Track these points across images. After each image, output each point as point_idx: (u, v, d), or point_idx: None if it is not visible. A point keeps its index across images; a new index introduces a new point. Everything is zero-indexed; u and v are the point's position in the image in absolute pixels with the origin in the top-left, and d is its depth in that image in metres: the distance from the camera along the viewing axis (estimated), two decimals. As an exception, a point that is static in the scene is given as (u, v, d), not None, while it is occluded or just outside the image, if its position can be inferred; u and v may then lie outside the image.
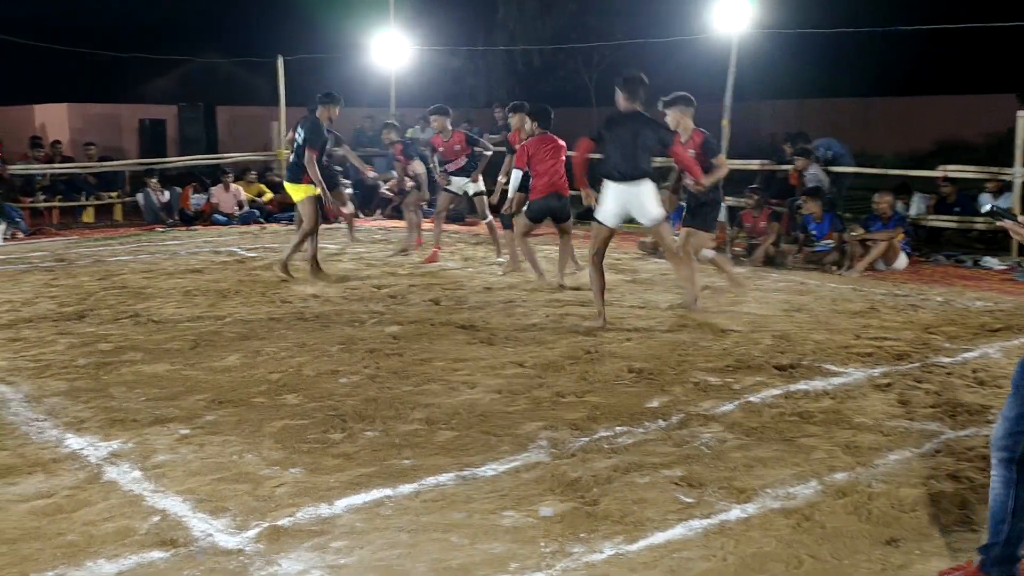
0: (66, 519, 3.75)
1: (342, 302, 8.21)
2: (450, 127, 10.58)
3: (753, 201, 11.07)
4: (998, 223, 3.23)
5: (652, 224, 7.32)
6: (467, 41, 23.90)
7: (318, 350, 6.51)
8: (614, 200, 7.18)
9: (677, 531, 3.67)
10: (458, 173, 10.56)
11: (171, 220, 14.96)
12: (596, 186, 7.43)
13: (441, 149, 10.58)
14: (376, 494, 4.02)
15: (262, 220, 15.08)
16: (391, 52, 16.39)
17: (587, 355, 6.35)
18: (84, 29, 24.47)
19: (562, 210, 8.97)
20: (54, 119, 22.47)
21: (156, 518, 3.77)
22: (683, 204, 8.58)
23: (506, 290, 8.78)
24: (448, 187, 10.73)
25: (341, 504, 3.91)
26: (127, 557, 3.43)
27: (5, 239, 12.94)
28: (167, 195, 15.33)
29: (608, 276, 9.61)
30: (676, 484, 4.12)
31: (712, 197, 7.88)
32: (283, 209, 15.31)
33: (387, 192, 15.36)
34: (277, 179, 16.07)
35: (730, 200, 11.82)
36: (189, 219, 15.03)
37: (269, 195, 15.65)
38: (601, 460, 4.41)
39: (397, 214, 14.53)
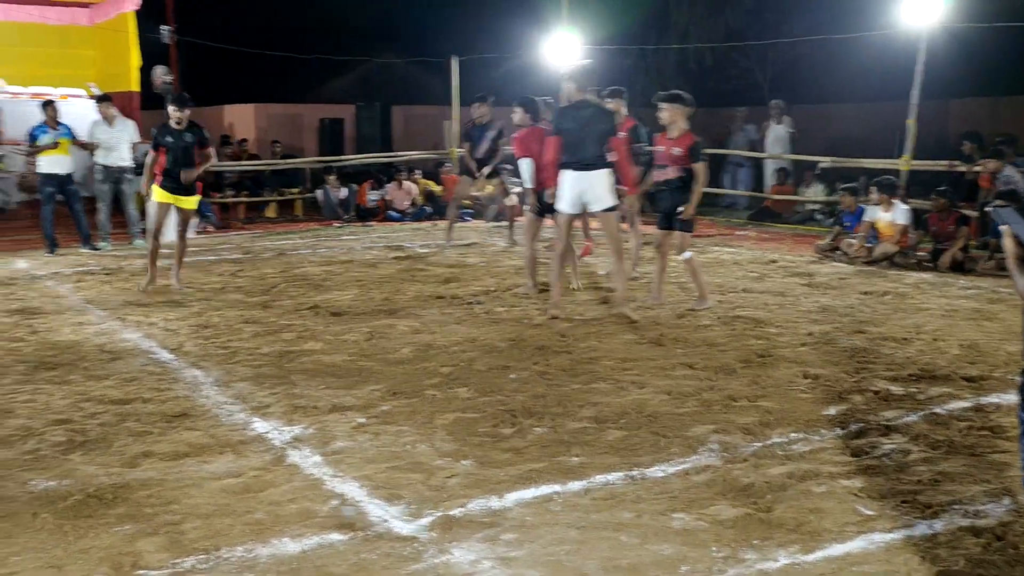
0: (253, 498, 3.94)
1: (511, 299, 8.31)
2: (625, 111, 9.96)
3: (940, 204, 10.54)
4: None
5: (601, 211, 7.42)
6: (638, 40, 23.73)
7: (488, 345, 6.60)
8: (571, 188, 7.33)
9: (856, 544, 3.53)
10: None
11: (347, 216, 15.52)
12: None
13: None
14: (545, 489, 4.04)
15: (434, 216, 15.43)
16: (562, 51, 16.45)
17: (760, 359, 6.20)
18: (271, 32, 25.67)
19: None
20: (242, 119, 23.67)
21: (335, 502, 3.91)
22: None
23: (676, 290, 8.67)
24: None
25: (511, 498, 3.95)
26: (309, 537, 3.57)
27: (197, 232, 13.72)
28: (344, 192, 15.91)
29: (783, 279, 9.41)
30: (855, 495, 3.96)
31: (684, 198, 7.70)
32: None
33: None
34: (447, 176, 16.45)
35: (915, 202, 11.31)
36: (364, 215, 15.55)
37: (440, 190, 16.03)
38: (775, 466, 4.29)
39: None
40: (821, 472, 4.22)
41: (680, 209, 7.68)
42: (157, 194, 9.01)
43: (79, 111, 13.69)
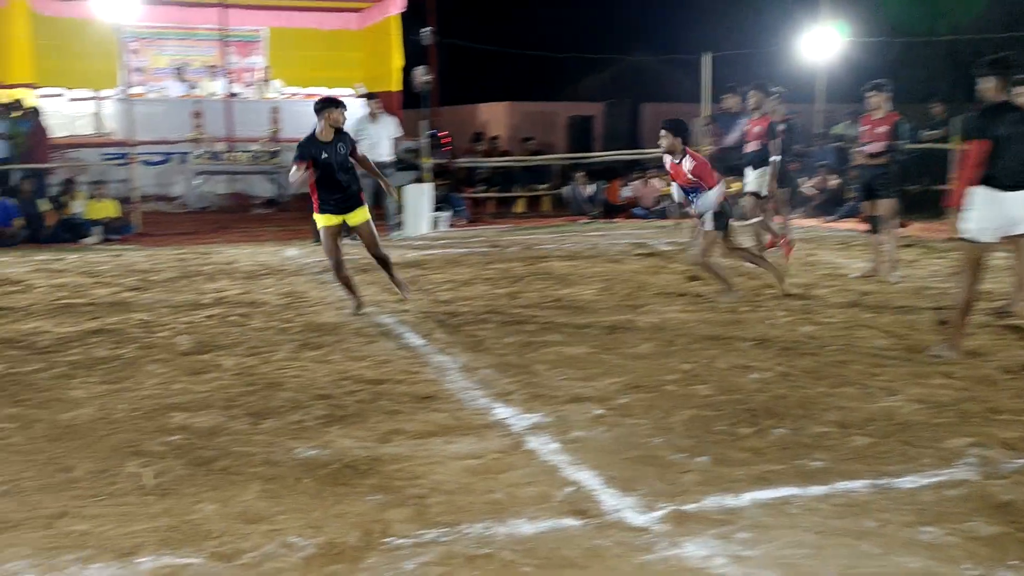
0: (493, 479, 4.09)
1: (755, 300, 8.13)
2: (765, 108, 9.93)
3: None
4: None
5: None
6: (905, 31, 22.48)
7: (730, 345, 6.50)
8: (994, 210, 5.97)
9: None
10: (747, 161, 9.93)
11: (594, 212, 15.70)
12: None
13: (747, 128, 10.07)
14: (783, 492, 3.94)
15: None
16: (820, 46, 15.87)
17: (1028, 371, 5.75)
18: (525, 32, 26.34)
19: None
20: (495, 116, 24.45)
21: (570, 488, 3.99)
22: None
23: (939, 296, 8.17)
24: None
25: (747, 497, 3.89)
26: (544, 520, 3.67)
27: (450, 226, 14.32)
28: (591, 188, 16.10)
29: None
30: None
31: None
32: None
33: (809, 189, 14.93)
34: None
35: None
36: (610, 212, 15.67)
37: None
38: (1040, 486, 3.98)
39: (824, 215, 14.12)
40: (1094, 495, 3.87)
41: None
42: (323, 221, 7.50)
43: (349, 110, 14.62)
